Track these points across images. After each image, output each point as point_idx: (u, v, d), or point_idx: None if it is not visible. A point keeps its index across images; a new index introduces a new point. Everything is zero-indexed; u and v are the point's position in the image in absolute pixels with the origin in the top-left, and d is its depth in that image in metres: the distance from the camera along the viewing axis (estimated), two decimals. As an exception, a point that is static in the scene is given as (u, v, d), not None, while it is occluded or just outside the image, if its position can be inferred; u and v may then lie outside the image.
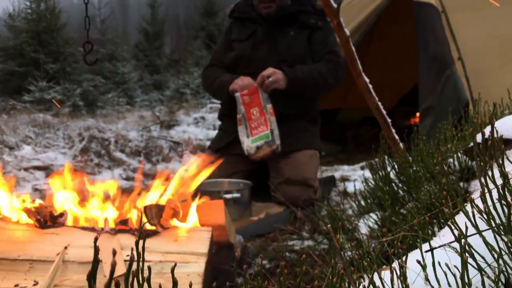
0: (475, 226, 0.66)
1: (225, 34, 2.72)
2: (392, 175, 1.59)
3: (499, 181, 0.69)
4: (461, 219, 0.74)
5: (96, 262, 0.60)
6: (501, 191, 0.67)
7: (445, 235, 0.77)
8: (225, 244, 1.37)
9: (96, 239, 0.64)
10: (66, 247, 1.14)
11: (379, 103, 1.75)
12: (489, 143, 0.75)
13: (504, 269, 0.63)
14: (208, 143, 2.81)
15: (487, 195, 0.68)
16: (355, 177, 3.04)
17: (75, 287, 1.07)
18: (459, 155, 1.34)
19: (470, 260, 0.63)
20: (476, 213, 0.67)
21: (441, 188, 1.16)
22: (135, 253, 0.62)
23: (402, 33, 4.14)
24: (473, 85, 2.69)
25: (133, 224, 1.27)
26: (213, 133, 4.11)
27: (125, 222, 1.27)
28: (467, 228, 0.66)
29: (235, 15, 2.65)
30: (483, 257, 0.65)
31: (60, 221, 1.25)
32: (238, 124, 2.36)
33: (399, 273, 0.64)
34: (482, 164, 0.76)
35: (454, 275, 0.62)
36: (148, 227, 1.24)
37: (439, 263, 0.66)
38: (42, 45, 10.82)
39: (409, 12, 3.28)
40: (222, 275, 1.31)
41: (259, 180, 2.39)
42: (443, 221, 1.01)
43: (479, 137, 0.85)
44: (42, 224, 1.22)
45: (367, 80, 1.71)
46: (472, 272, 0.62)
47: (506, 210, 0.65)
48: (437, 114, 2.79)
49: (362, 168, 3.34)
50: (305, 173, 2.35)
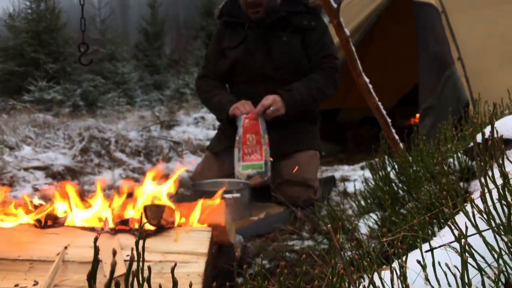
0: (475, 226, 0.66)
1: (216, 40, 2.63)
2: (392, 175, 1.59)
3: (499, 181, 0.69)
4: (461, 219, 0.74)
5: (96, 262, 0.60)
6: (501, 191, 0.67)
7: (445, 235, 0.77)
8: (225, 244, 1.37)
9: (96, 239, 0.64)
10: (66, 247, 1.14)
11: (379, 103, 1.75)
12: (489, 143, 0.75)
13: (504, 269, 0.63)
14: (208, 143, 2.80)
15: (487, 195, 0.68)
16: (355, 177, 3.04)
17: (75, 287, 1.07)
18: (459, 155, 1.34)
19: (470, 260, 0.63)
20: (476, 213, 0.67)
21: (441, 188, 1.16)
22: (135, 253, 0.62)
23: (402, 33, 4.14)
24: (473, 85, 2.69)
25: (133, 224, 1.27)
26: (213, 133, 4.11)
27: (125, 222, 1.27)
28: (467, 228, 0.66)
29: (224, 19, 2.57)
30: (483, 257, 0.65)
31: (60, 221, 1.25)
32: (234, 146, 2.34)
33: (399, 273, 0.64)
34: (482, 164, 0.76)
35: (454, 275, 0.62)
36: (148, 227, 1.24)
37: (439, 263, 0.66)
38: (42, 45, 10.83)
39: (409, 12, 3.29)
40: (222, 275, 1.31)
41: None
42: (443, 221, 1.01)
43: (479, 137, 0.85)
44: (42, 224, 1.22)
45: (367, 80, 1.71)
46: (472, 272, 0.62)
47: (506, 210, 0.65)
48: (437, 114, 2.79)
49: (362, 168, 3.34)
50: (305, 173, 2.34)
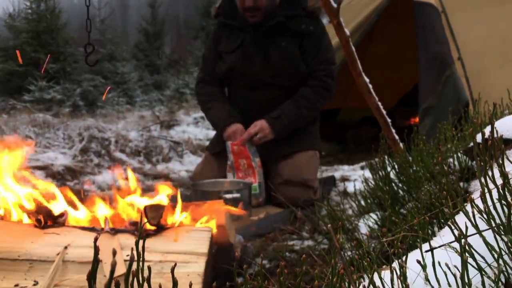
0: (475, 226, 0.66)
1: (213, 40, 2.57)
2: (392, 175, 1.59)
3: (499, 181, 0.69)
4: (461, 219, 0.74)
5: (96, 262, 0.60)
6: (501, 191, 0.67)
7: (445, 235, 0.77)
8: (225, 244, 1.37)
9: (96, 239, 0.64)
10: (66, 247, 1.14)
11: (379, 103, 1.75)
12: (489, 143, 0.75)
13: (504, 269, 0.63)
14: (207, 143, 2.80)
15: (487, 195, 0.68)
16: (355, 177, 3.04)
17: (75, 287, 1.07)
18: (459, 155, 1.34)
19: (470, 260, 0.63)
20: (476, 213, 0.67)
21: (441, 188, 1.16)
22: (135, 253, 0.62)
23: (402, 33, 4.14)
24: (473, 85, 2.69)
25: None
26: (213, 133, 4.10)
27: (135, 223, 1.27)
28: (467, 228, 0.66)
29: (220, 19, 2.51)
30: (483, 257, 0.65)
31: (60, 221, 1.25)
32: (227, 170, 2.37)
33: (399, 273, 0.64)
34: (482, 164, 0.76)
35: (454, 275, 0.62)
36: (148, 227, 1.24)
37: (439, 263, 0.66)
38: (42, 45, 10.83)
39: (409, 12, 3.29)
40: (222, 275, 1.31)
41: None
42: (443, 221, 1.01)
43: (479, 137, 0.85)
44: (42, 224, 1.22)
45: (367, 80, 1.71)
46: (472, 272, 0.62)
47: (506, 210, 0.65)
48: (437, 114, 2.79)
49: (362, 168, 3.34)
50: (305, 174, 2.34)
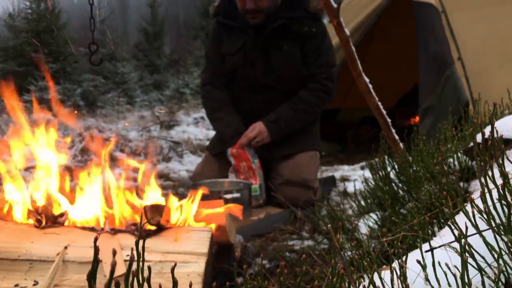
0: (475, 226, 0.66)
1: (213, 38, 2.53)
2: (392, 175, 1.59)
3: (499, 181, 0.69)
4: (461, 219, 0.74)
5: (96, 262, 0.60)
6: (501, 191, 0.67)
7: (445, 235, 0.77)
8: (225, 244, 1.37)
9: (96, 239, 0.64)
10: (66, 247, 1.14)
11: (379, 103, 1.75)
12: (489, 143, 0.75)
13: (504, 269, 0.63)
14: (207, 143, 2.80)
15: (487, 195, 0.68)
16: (355, 177, 3.04)
17: (75, 287, 1.07)
18: (459, 155, 1.34)
19: (470, 260, 0.63)
20: (476, 213, 0.67)
21: (441, 188, 1.16)
22: (135, 253, 0.62)
23: (402, 33, 4.14)
24: (473, 85, 2.69)
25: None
26: (213, 133, 4.10)
27: (135, 223, 1.27)
28: (467, 228, 0.66)
29: (219, 19, 2.45)
30: (483, 257, 0.65)
31: (60, 221, 1.25)
32: (230, 171, 2.43)
33: (399, 273, 0.64)
34: (482, 164, 0.76)
35: (454, 275, 0.62)
36: (148, 227, 1.24)
37: (439, 263, 0.66)
38: (42, 45, 10.83)
39: (409, 12, 3.29)
40: (222, 275, 1.32)
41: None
42: (443, 221, 1.01)
43: (479, 137, 0.85)
44: (42, 224, 1.22)
45: (367, 80, 1.71)
46: (472, 272, 0.62)
47: (506, 210, 0.65)
48: (437, 114, 2.79)
49: (362, 168, 3.34)
50: (305, 174, 2.34)
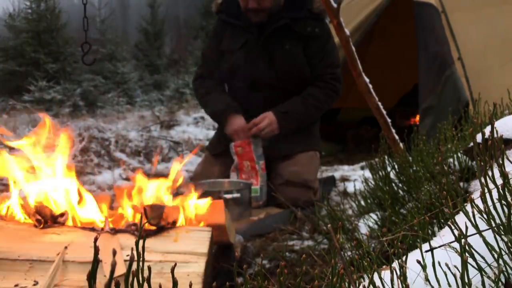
0: (475, 226, 0.66)
1: (214, 37, 2.53)
2: (392, 175, 1.59)
3: (499, 181, 0.69)
4: (461, 219, 0.75)
5: (96, 262, 0.60)
6: (501, 191, 0.67)
7: (445, 235, 0.77)
8: (225, 244, 1.37)
9: (96, 239, 0.64)
10: (66, 247, 1.14)
11: (379, 103, 1.75)
12: (489, 143, 0.75)
13: (504, 269, 0.63)
14: (207, 143, 2.80)
15: (487, 195, 0.68)
16: (355, 177, 3.04)
17: (75, 287, 1.07)
18: (459, 155, 1.34)
19: (470, 260, 0.63)
20: (476, 213, 0.67)
21: (441, 188, 1.16)
22: (135, 253, 0.62)
23: (402, 33, 4.15)
24: (473, 85, 2.69)
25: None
26: (213, 133, 4.10)
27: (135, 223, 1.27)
28: (467, 228, 0.66)
29: (223, 17, 2.46)
30: (483, 257, 0.65)
31: (60, 221, 1.25)
32: (231, 170, 2.37)
33: (399, 273, 0.64)
34: (482, 164, 0.76)
35: (454, 275, 0.62)
36: (148, 227, 1.24)
37: (439, 263, 0.66)
38: (42, 45, 10.84)
39: (409, 12, 3.29)
40: (222, 275, 1.32)
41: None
42: (443, 221, 1.01)
43: (479, 137, 0.85)
44: (42, 224, 1.22)
45: (367, 80, 1.71)
46: (472, 272, 0.62)
47: (506, 210, 0.65)
48: (437, 114, 2.79)
49: (362, 168, 3.34)
50: (305, 174, 2.34)
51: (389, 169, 1.60)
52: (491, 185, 0.70)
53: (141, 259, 0.63)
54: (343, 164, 3.70)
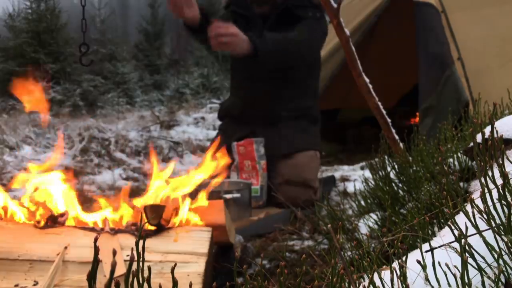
0: (475, 226, 0.66)
1: None
2: (392, 175, 1.59)
3: (499, 181, 0.69)
4: (461, 219, 0.74)
5: (96, 262, 0.60)
6: (501, 191, 0.67)
7: (445, 235, 0.77)
8: (225, 244, 1.37)
9: (96, 239, 0.64)
10: (66, 247, 1.14)
11: (379, 103, 1.75)
12: (489, 143, 0.75)
13: (504, 269, 0.63)
14: (208, 143, 2.80)
15: (487, 195, 0.68)
16: (355, 177, 3.04)
17: (75, 287, 1.07)
18: (459, 155, 1.33)
19: (470, 260, 0.63)
20: (476, 213, 0.67)
21: (441, 188, 1.16)
22: (135, 253, 0.62)
23: (402, 33, 4.14)
24: (473, 85, 2.69)
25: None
26: (213, 133, 4.11)
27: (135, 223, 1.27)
28: (467, 228, 0.66)
29: (232, 9, 2.54)
30: (483, 257, 0.65)
31: (60, 221, 1.25)
32: (232, 170, 2.38)
33: (399, 273, 0.64)
34: (482, 164, 0.76)
35: (454, 275, 0.62)
36: (148, 227, 1.24)
37: (439, 263, 0.66)
38: (42, 45, 10.84)
39: (409, 12, 3.29)
40: (222, 275, 1.31)
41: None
42: (443, 221, 1.01)
43: (479, 137, 0.85)
44: (42, 224, 1.22)
45: (367, 80, 1.71)
46: (472, 272, 0.62)
47: (506, 210, 0.65)
48: (437, 114, 2.79)
49: (362, 168, 3.35)
50: (305, 174, 2.34)
51: (389, 169, 1.60)
52: (491, 185, 0.70)
53: (141, 259, 0.63)
54: (343, 164, 3.71)
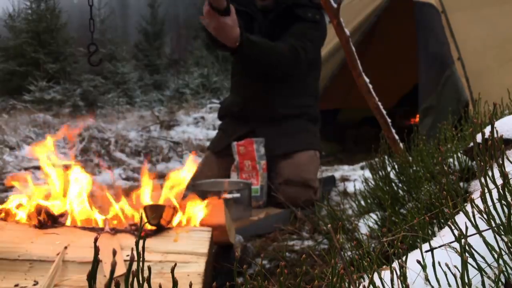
0: (475, 226, 0.66)
1: None
2: (392, 175, 1.59)
3: (499, 181, 0.69)
4: (461, 219, 0.74)
5: (96, 262, 0.60)
6: (501, 191, 0.67)
7: (445, 235, 0.77)
8: (225, 244, 1.37)
9: (96, 239, 0.64)
10: (66, 247, 1.14)
11: (379, 103, 1.75)
12: (489, 143, 0.75)
13: (504, 269, 0.63)
14: (208, 143, 2.81)
15: (487, 195, 0.68)
16: (355, 177, 3.05)
17: (75, 287, 1.07)
18: (459, 155, 1.33)
19: (470, 260, 0.63)
20: (476, 213, 0.67)
21: (441, 188, 1.16)
22: (135, 253, 0.62)
23: (402, 33, 4.14)
24: (473, 85, 2.69)
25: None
26: (213, 133, 4.11)
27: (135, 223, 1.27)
28: (467, 228, 0.66)
29: (235, 6, 2.55)
30: (483, 257, 0.65)
31: (60, 221, 1.25)
32: (232, 170, 2.39)
33: (399, 273, 0.64)
34: (482, 164, 0.76)
35: (454, 275, 0.62)
36: (148, 227, 1.24)
37: (439, 263, 0.66)
38: (42, 45, 10.85)
39: (409, 12, 3.29)
40: (222, 275, 1.32)
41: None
42: (443, 221, 1.01)
43: (479, 137, 0.85)
44: (42, 224, 1.22)
45: (367, 80, 1.71)
46: (472, 272, 0.62)
47: (506, 210, 0.65)
48: (437, 114, 2.79)
49: (362, 168, 3.35)
50: (305, 174, 2.34)
51: (389, 169, 1.60)
52: (491, 185, 0.70)
53: (141, 259, 0.63)
54: (343, 164, 3.71)
